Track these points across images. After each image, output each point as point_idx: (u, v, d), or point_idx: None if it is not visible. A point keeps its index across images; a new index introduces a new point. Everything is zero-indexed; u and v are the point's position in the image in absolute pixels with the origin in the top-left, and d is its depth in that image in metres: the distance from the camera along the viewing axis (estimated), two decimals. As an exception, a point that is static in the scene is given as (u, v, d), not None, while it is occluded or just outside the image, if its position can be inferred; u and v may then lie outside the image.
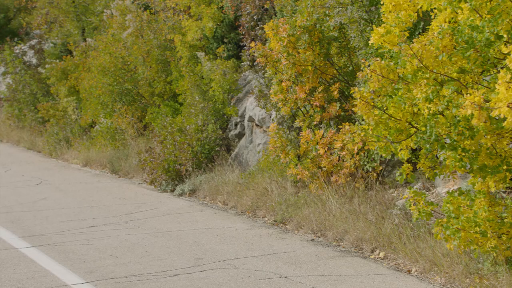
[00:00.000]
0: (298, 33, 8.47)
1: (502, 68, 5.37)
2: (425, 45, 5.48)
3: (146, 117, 12.73)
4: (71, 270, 6.45)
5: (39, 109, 16.21)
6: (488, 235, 5.57)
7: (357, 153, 8.02)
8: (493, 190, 5.63)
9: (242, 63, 11.84)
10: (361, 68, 7.40)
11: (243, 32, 11.74)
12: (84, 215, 8.91)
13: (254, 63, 10.92)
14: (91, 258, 6.84)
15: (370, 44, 6.07)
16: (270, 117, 9.96)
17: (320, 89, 8.56)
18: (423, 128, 5.61)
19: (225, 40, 12.32)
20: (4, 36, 26.32)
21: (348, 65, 8.80)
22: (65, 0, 17.27)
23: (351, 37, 8.34)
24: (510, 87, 4.73)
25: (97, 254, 6.98)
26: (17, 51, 18.01)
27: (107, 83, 13.23)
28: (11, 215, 8.98)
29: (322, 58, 8.61)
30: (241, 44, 11.92)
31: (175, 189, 10.39)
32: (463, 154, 5.48)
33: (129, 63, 13.37)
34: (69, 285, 6.08)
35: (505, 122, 4.75)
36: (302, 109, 8.84)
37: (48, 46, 18.14)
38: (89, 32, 16.79)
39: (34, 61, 18.07)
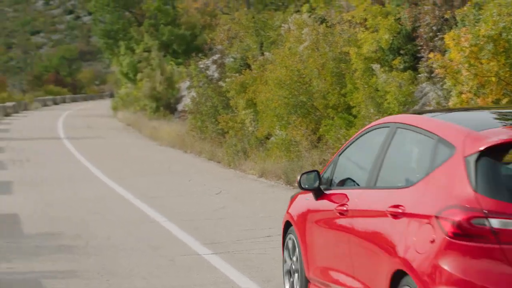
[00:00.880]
0: (481, 43, 8.10)
1: None
2: None
3: (320, 129, 12.85)
4: (249, 278, 6.69)
5: (219, 121, 17.03)
6: None
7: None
8: None
9: (419, 75, 11.54)
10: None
11: (421, 43, 11.45)
12: (261, 225, 9.19)
13: (432, 75, 10.59)
14: (267, 267, 7.04)
15: None
16: (449, 130, 9.57)
17: (504, 101, 8.10)
18: None
19: (401, 51, 12.10)
20: (190, 52, 28.03)
21: (537, 75, 8.23)
22: (245, 16, 18.04)
23: (541, 45, 7.80)
24: None
25: (273, 264, 7.16)
26: (201, 66, 19.11)
27: (283, 95, 13.57)
28: (194, 222, 9.53)
29: (507, 69, 8.15)
30: (418, 55, 11.63)
31: (349, 202, 10.34)
32: None
33: (304, 76, 13.61)
34: (248, 293, 6.30)
35: None
36: (484, 123, 8.40)
37: (229, 60, 19.05)
38: (267, 46, 17.36)
39: (216, 75, 19.06)
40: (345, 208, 4.63)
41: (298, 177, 5.16)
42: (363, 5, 13.87)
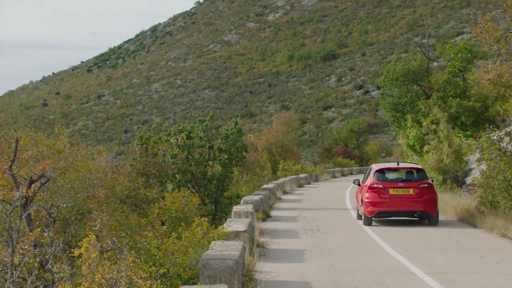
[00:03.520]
0: None
1: None
2: None
3: None
4: None
5: (513, 196, 15.93)
6: None
7: None
8: None
9: None
10: None
11: None
12: None
13: None
14: None
15: None
16: None
17: None
18: None
19: None
20: (480, 124, 26.85)
21: None
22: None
23: None
24: None
25: None
26: (494, 137, 18.25)
27: None
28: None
29: None
30: None
31: None
32: None
33: None
34: None
35: None
36: None
37: (524, 132, 17.83)
38: None
39: (509, 147, 17.99)
40: (359, 187, 20.65)
41: (353, 180, 22.07)
42: None
